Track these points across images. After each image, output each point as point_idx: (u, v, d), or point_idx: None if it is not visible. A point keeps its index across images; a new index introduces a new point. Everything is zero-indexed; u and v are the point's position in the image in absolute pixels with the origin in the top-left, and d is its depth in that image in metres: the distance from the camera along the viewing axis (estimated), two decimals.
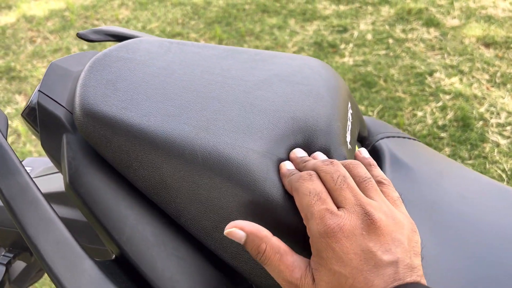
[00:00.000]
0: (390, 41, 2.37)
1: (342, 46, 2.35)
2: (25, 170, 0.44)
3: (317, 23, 2.55)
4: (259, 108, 0.44)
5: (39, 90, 0.46)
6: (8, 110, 1.99)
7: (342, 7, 2.69)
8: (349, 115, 0.48)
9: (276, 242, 0.36)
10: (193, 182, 0.40)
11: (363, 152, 0.43)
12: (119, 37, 0.58)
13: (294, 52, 2.33)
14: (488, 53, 2.28)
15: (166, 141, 0.40)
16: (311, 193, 0.35)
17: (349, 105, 0.49)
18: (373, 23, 2.53)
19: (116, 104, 0.42)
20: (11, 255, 0.60)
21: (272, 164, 0.41)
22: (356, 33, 2.44)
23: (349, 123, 0.47)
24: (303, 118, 0.43)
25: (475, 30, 2.44)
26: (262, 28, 2.52)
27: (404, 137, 0.60)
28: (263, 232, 0.36)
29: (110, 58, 0.47)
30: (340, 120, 0.45)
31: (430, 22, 2.51)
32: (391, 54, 2.27)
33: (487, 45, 2.34)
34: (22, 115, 0.49)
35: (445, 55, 2.27)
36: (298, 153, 0.42)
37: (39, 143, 1.52)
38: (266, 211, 0.39)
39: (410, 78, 2.11)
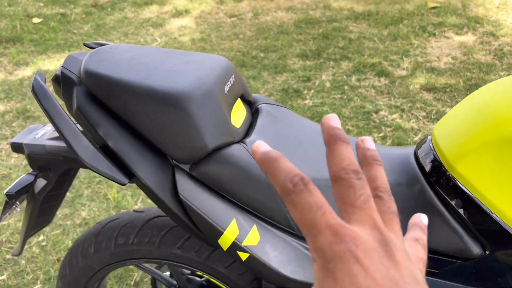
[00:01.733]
0: (346, 87, 2.82)
1: (305, 91, 2.79)
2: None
3: (286, 75, 3.01)
4: (180, 69, 0.83)
5: (62, 66, 0.86)
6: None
7: (308, 62, 3.17)
8: (231, 79, 0.87)
9: None
10: (154, 112, 0.78)
11: (367, 142, 0.35)
12: (105, 45, 0.99)
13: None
14: (428, 96, 2.71)
15: (134, 86, 0.79)
16: (312, 207, 0.29)
17: (233, 76, 0.89)
18: (333, 74, 2.99)
19: (102, 68, 0.82)
20: (37, 172, 0.96)
21: (190, 86, 0.79)
22: (317, 82, 2.90)
23: (229, 83, 0.86)
24: (200, 73, 0.83)
25: (420, 78, 2.90)
26: None
27: (277, 105, 0.99)
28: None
29: (101, 50, 0.88)
30: (219, 78, 0.84)
31: (382, 73, 2.97)
32: (345, 97, 2.71)
33: (428, 90, 2.79)
34: (52, 80, 0.88)
35: (392, 98, 2.70)
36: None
37: None
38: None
39: (359, 115, 2.52)
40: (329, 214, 0.28)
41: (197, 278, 1.18)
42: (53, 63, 3.30)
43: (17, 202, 0.99)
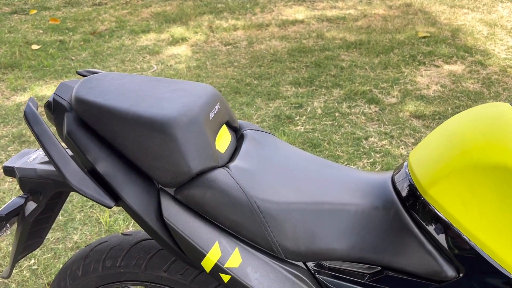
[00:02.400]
0: (337, 114, 2.88)
1: (297, 118, 2.85)
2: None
3: (279, 101, 3.07)
4: (167, 97, 0.87)
5: (54, 93, 0.90)
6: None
7: (300, 89, 3.24)
8: (216, 106, 0.91)
9: None
10: (140, 137, 0.81)
11: None
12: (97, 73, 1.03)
13: (257, 122, 2.82)
14: (417, 123, 2.77)
15: (122, 112, 0.83)
16: None
17: (218, 103, 0.93)
18: (325, 101, 3.06)
19: (92, 95, 0.86)
20: (28, 195, 0.99)
21: (172, 106, 0.82)
22: (309, 108, 2.96)
23: (214, 110, 0.90)
24: (187, 100, 0.87)
25: (409, 106, 2.96)
26: (233, 105, 3.04)
27: (262, 131, 1.03)
28: None
29: (92, 77, 0.92)
30: (205, 106, 0.88)
31: (372, 100, 3.03)
32: (336, 124, 2.76)
33: (418, 117, 2.84)
34: (44, 106, 0.92)
35: (381, 125, 2.75)
36: None
37: None
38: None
39: (349, 141, 2.57)
40: None
41: None
42: (50, 89, 3.35)
43: (7, 225, 1.01)
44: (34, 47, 4.22)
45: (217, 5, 5.50)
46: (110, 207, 0.83)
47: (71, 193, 2.21)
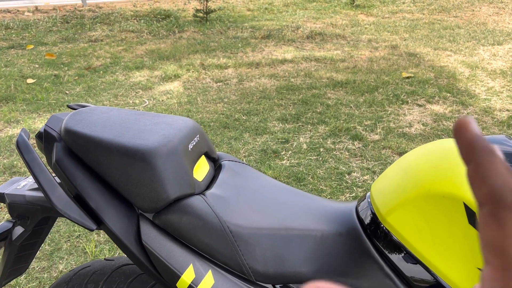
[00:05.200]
0: (321, 149, 2.97)
1: (283, 152, 2.93)
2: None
3: (266, 136, 3.16)
4: (149, 129, 0.95)
5: (45, 124, 0.98)
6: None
7: (287, 125, 3.34)
8: (196, 138, 0.99)
9: None
10: (123, 165, 0.89)
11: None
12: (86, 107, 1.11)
13: (244, 155, 2.90)
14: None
15: (106, 142, 0.91)
16: None
17: (198, 135, 1.01)
18: (310, 137, 3.15)
19: (79, 127, 0.94)
20: (16, 219, 1.04)
21: (160, 144, 0.90)
22: (295, 143, 3.05)
23: (193, 141, 0.98)
24: (167, 132, 0.95)
25: (391, 143, 3.06)
26: (222, 139, 3.13)
27: (240, 162, 1.11)
28: None
29: (81, 111, 1.00)
30: (184, 138, 0.96)
31: (356, 137, 3.14)
32: (321, 159, 2.85)
33: (399, 154, 2.94)
34: (35, 136, 1.00)
35: (364, 161, 2.84)
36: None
37: None
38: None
39: (332, 176, 2.65)
40: None
41: None
42: (42, 122, 3.43)
43: None
44: (29, 81, 4.32)
45: (210, 44, 5.68)
46: (92, 230, 0.89)
47: (59, 222, 2.25)
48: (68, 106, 1.10)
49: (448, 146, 0.92)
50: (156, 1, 8.89)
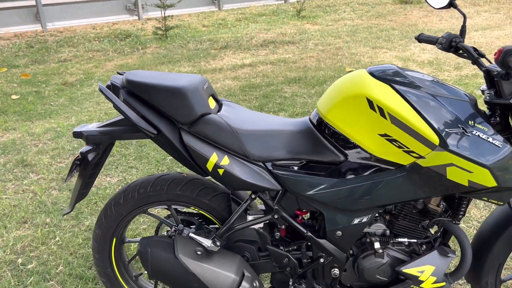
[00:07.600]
0: None
1: None
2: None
3: None
4: (179, 78, 1.53)
5: (111, 80, 1.54)
6: (25, 182, 2.94)
7: None
8: (206, 83, 1.58)
9: None
10: (169, 98, 1.46)
11: None
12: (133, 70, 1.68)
13: None
14: None
15: (155, 85, 1.48)
16: None
17: (207, 82, 1.59)
18: None
19: (137, 78, 1.50)
20: (92, 146, 1.57)
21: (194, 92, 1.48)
22: None
23: (205, 85, 1.57)
24: (191, 79, 1.53)
25: None
26: None
27: (234, 103, 1.70)
28: None
29: (132, 71, 1.57)
30: (200, 82, 1.54)
31: None
32: None
33: None
34: (106, 86, 1.55)
35: None
36: None
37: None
38: None
39: None
40: None
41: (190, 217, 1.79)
42: (38, 127, 3.88)
43: (75, 171, 1.60)
44: (14, 97, 4.73)
45: (173, 56, 6.25)
46: (154, 135, 1.46)
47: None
48: (118, 73, 1.66)
49: (361, 71, 1.55)
50: (114, 23, 9.37)
